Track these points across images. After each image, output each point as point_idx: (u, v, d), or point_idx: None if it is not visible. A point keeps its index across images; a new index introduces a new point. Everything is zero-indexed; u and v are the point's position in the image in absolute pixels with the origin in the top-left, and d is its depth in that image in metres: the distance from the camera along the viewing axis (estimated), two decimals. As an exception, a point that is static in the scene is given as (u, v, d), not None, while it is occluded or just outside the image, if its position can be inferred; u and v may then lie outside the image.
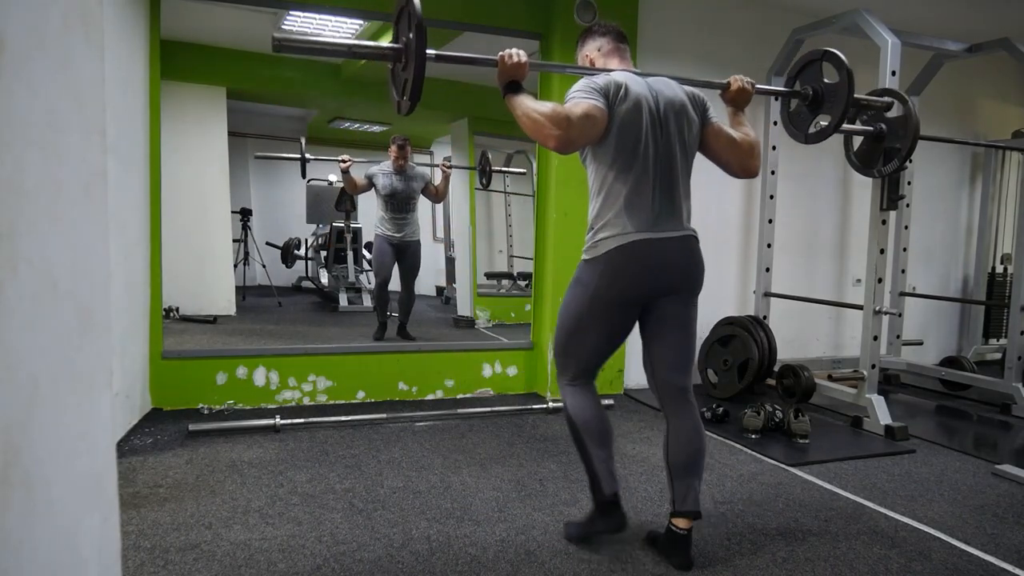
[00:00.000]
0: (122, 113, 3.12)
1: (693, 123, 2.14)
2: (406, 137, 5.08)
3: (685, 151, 2.13)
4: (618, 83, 2.02)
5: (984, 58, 4.63)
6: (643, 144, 2.03)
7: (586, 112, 1.93)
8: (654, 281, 2.07)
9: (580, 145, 2.02)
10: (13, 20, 0.75)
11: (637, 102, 2.02)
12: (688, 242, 2.13)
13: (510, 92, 2.00)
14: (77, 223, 0.90)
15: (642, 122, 2.02)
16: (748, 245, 4.80)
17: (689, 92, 2.18)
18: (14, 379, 0.76)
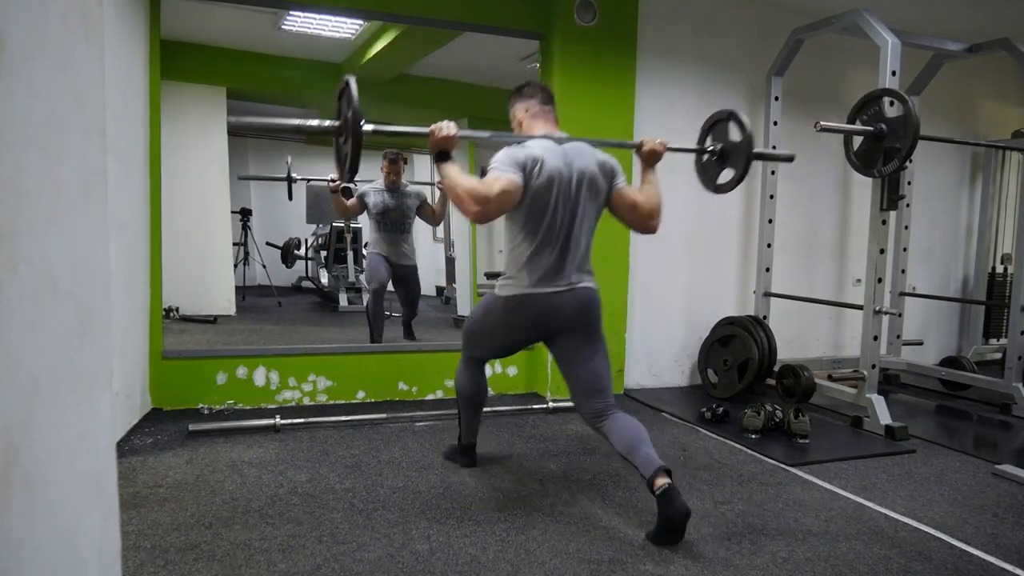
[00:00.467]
0: (122, 113, 3.12)
1: (601, 190, 2.45)
2: (398, 151, 4.87)
3: (589, 217, 2.45)
4: (535, 158, 2.31)
5: (984, 58, 4.63)
6: (549, 214, 2.35)
7: (503, 188, 2.24)
8: (544, 325, 2.46)
9: (496, 217, 2.34)
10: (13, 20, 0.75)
11: (550, 177, 2.32)
12: (580, 291, 2.44)
13: (440, 161, 2.31)
14: (77, 223, 0.90)
15: (552, 195, 2.34)
16: (748, 245, 4.80)
17: (601, 160, 2.46)
18: (14, 379, 0.76)
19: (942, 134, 4.59)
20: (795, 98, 4.73)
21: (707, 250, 4.69)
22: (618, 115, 4.18)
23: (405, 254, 4.79)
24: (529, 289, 2.40)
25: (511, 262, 2.45)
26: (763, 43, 4.61)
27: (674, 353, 4.67)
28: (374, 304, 4.70)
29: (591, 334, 2.48)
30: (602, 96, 4.12)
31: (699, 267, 4.68)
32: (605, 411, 2.44)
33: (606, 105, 4.14)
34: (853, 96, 3.79)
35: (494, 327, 2.56)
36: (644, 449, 2.30)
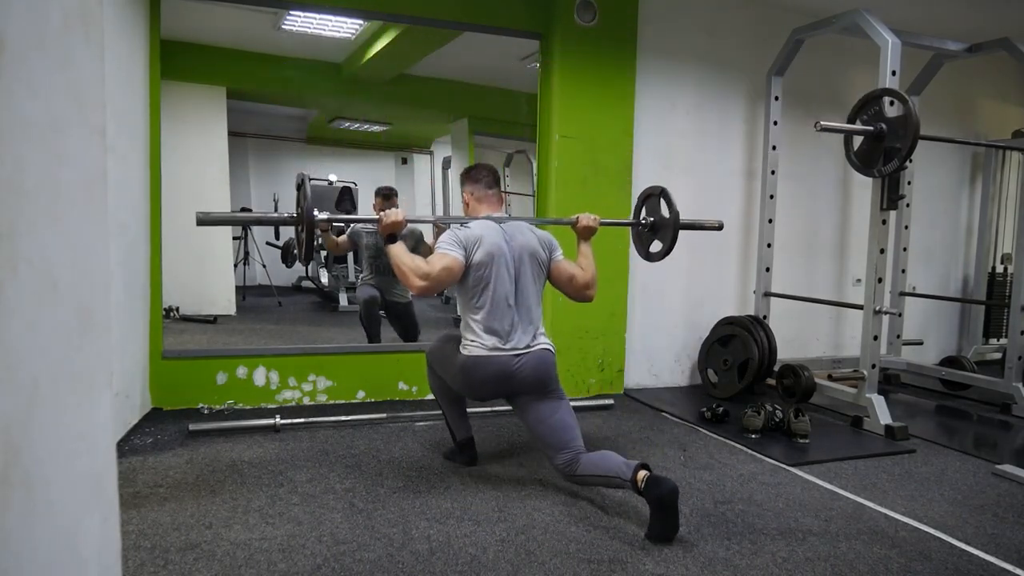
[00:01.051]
0: (122, 113, 3.12)
1: (542, 262, 2.70)
2: (392, 188, 4.68)
3: (534, 283, 2.67)
4: (476, 236, 2.58)
5: (984, 58, 4.63)
6: (492, 284, 2.57)
7: (445, 265, 2.51)
8: (504, 385, 2.60)
9: (439, 290, 2.62)
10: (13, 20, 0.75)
11: (490, 252, 2.57)
12: (533, 354, 2.61)
13: (389, 243, 2.54)
14: (77, 223, 0.90)
15: (493, 268, 2.57)
16: (748, 245, 4.80)
17: (540, 235, 2.74)
18: (14, 379, 0.76)
19: (942, 134, 4.59)
20: (795, 98, 4.73)
21: (707, 250, 4.68)
22: (618, 115, 4.18)
23: (399, 293, 4.57)
24: (488, 352, 2.57)
25: (466, 329, 2.64)
26: (763, 43, 4.61)
27: (674, 353, 4.67)
28: (367, 310, 4.57)
29: (549, 392, 2.62)
30: (602, 96, 4.12)
31: (699, 267, 4.68)
32: (573, 461, 2.52)
33: (606, 105, 4.14)
34: (853, 96, 3.79)
35: (455, 377, 2.68)
36: (615, 460, 2.42)
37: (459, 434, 2.94)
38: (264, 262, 7.16)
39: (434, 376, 2.88)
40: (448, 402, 2.90)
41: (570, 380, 4.21)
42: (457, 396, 2.87)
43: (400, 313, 4.65)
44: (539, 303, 2.70)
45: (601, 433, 3.50)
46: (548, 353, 2.66)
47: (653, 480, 2.26)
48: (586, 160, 4.12)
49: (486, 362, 2.57)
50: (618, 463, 2.39)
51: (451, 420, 2.94)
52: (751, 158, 4.77)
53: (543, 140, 4.23)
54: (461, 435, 2.94)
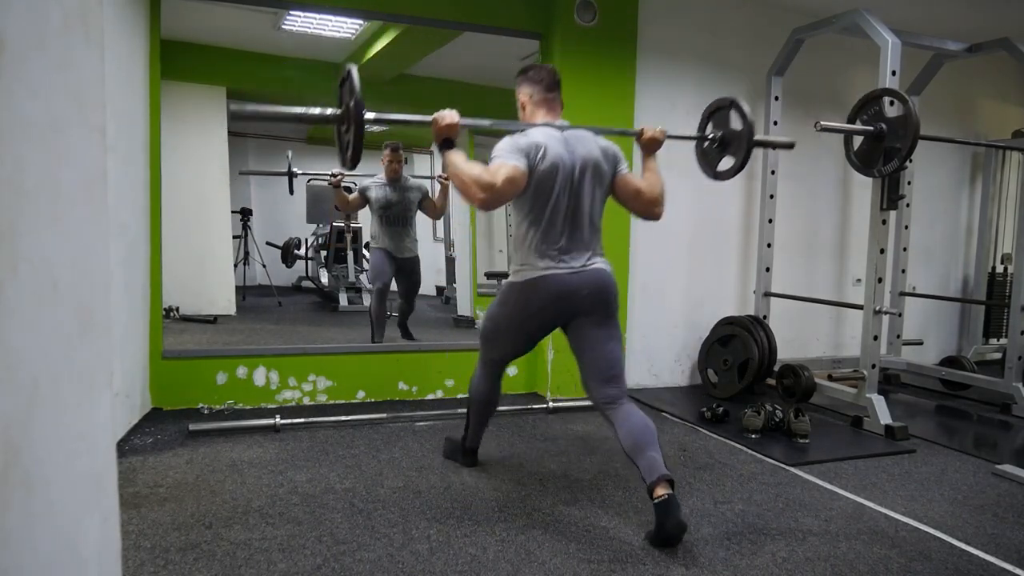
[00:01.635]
0: (122, 113, 3.12)
1: (605, 176, 2.46)
2: (399, 143, 4.90)
3: (595, 200, 2.45)
4: (538, 145, 2.33)
5: (984, 58, 4.63)
6: (555, 198, 2.36)
7: (508, 176, 2.25)
8: (561, 308, 2.42)
9: (502, 204, 2.38)
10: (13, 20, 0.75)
11: (553, 163, 2.33)
12: (594, 272, 2.42)
13: (444, 149, 2.31)
14: (77, 223, 0.90)
15: (556, 180, 2.35)
16: (748, 245, 4.80)
17: (603, 146, 2.48)
18: (14, 379, 0.76)
19: (942, 134, 4.59)
20: (795, 98, 4.73)
21: (707, 250, 4.69)
22: (618, 115, 4.18)
23: (408, 247, 4.82)
24: (543, 271, 2.38)
25: (521, 250, 2.44)
26: (763, 43, 4.61)
27: (674, 353, 4.67)
28: (377, 303, 4.73)
29: (607, 317, 2.44)
30: (602, 96, 4.12)
31: (699, 267, 4.68)
32: (618, 398, 2.40)
33: (606, 105, 4.14)
34: (853, 96, 3.79)
35: (511, 317, 2.51)
36: (650, 452, 2.26)
37: (472, 441, 2.91)
38: (264, 262, 7.17)
39: (483, 377, 2.76)
40: (481, 409, 2.82)
41: (570, 380, 4.21)
42: (492, 408, 2.82)
43: (407, 270, 4.84)
44: (599, 221, 2.49)
45: (601, 432, 3.50)
46: (609, 274, 2.46)
47: (667, 506, 2.17)
48: (586, 160, 4.12)
49: (545, 281, 2.38)
50: (649, 459, 2.24)
51: (473, 426, 2.88)
52: (752, 159, 4.75)
53: (543, 140, 4.23)
54: (472, 443, 2.91)
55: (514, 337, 2.58)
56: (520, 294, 2.44)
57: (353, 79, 2.16)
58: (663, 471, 2.22)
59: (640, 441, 2.29)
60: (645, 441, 2.29)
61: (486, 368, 2.75)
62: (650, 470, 2.22)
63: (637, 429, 2.33)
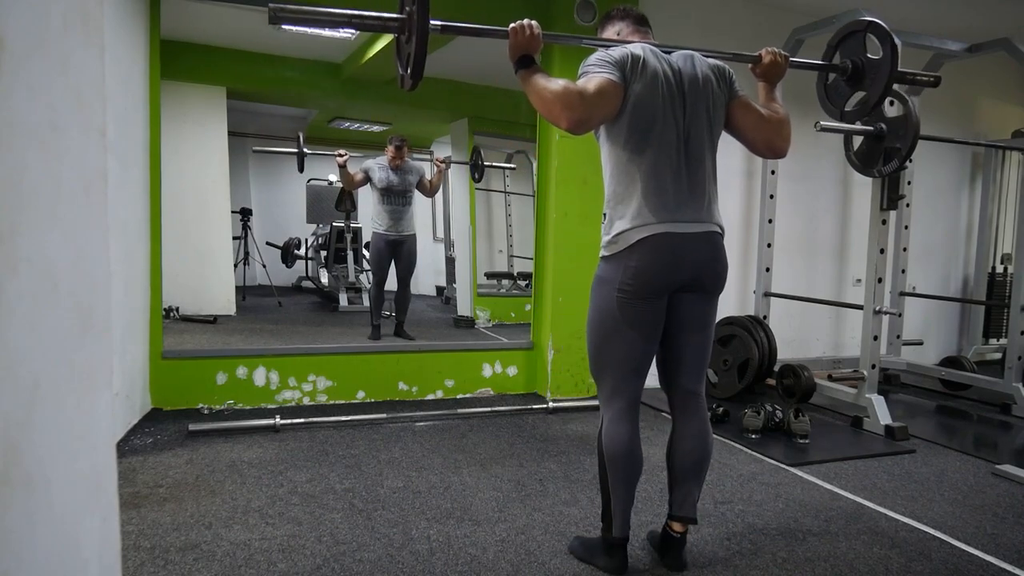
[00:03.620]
0: (122, 113, 3.12)
1: (719, 99, 2.00)
2: (403, 138, 5.06)
3: (710, 130, 1.98)
4: (635, 56, 1.90)
5: (984, 58, 4.63)
6: (660, 123, 1.90)
7: (599, 89, 1.83)
8: (676, 276, 1.92)
9: (594, 125, 1.92)
10: (13, 20, 0.75)
11: (655, 77, 1.90)
12: (712, 238, 1.96)
13: (522, 67, 1.90)
14: (77, 223, 0.90)
15: (658, 100, 1.90)
16: (748, 245, 4.80)
17: (714, 65, 2.04)
18: (14, 379, 0.76)
19: (942, 134, 4.59)
20: (795, 98, 4.72)
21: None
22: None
23: (405, 225, 5.11)
24: (658, 226, 1.88)
25: (617, 199, 1.94)
26: (763, 43, 4.54)
27: (674, 353, 4.66)
28: (376, 292, 5.15)
29: (715, 296, 2.03)
30: (602, 96, 4.12)
31: (699, 267, 4.67)
32: (699, 396, 2.09)
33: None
34: (853, 96, 3.79)
35: (619, 303, 1.93)
36: (693, 485, 2.05)
37: (620, 529, 2.04)
38: (264, 262, 7.17)
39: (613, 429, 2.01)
40: (623, 476, 2.01)
41: (570, 380, 4.21)
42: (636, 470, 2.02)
43: (404, 249, 5.13)
44: (715, 159, 2.01)
45: (601, 433, 3.50)
46: (722, 237, 2.00)
47: (673, 543, 2.09)
48: (586, 160, 4.12)
49: (658, 242, 1.87)
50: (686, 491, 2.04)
51: (617, 502, 2.03)
52: (751, 158, 4.77)
53: (543, 140, 4.23)
54: (622, 531, 2.04)
55: (637, 325, 1.95)
56: (629, 260, 1.90)
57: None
58: (692, 513, 2.05)
59: (695, 469, 2.05)
60: (698, 471, 2.05)
61: (612, 414, 2.02)
62: (682, 504, 2.05)
63: (699, 455, 2.05)
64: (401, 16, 1.80)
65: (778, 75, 2.14)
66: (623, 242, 1.91)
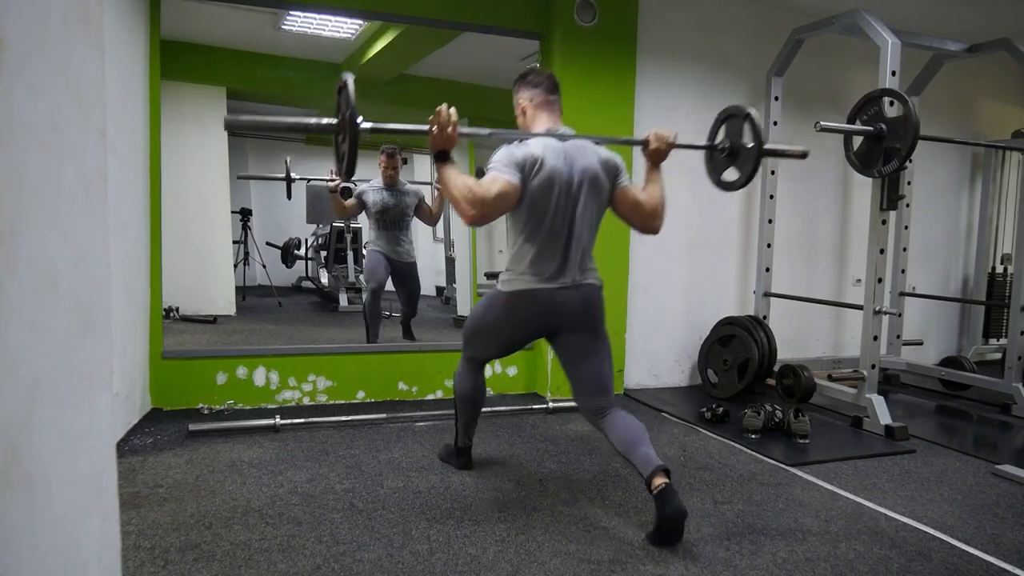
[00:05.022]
0: (122, 113, 3.12)
1: (603, 189, 2.42)
2: (395, 146, 4.89)
3: (591, 215, 2.42)
4: (535, 157, 2.29)
5: (984, 58, 4.63)
6: (551, 213, 2.33)
7: (500, 192, 2.22)
8: (547, 322, 2.44)
9: (493, 220, 2.32)
10: (13, 20, 0.75)
11: (550, 176, 2.30)
12: (584, 291, 2.43)
13: (439, 161, 2.26)
14: (77, 223, 0.90)
15: (552, 194, 2.32)
16: (748, 245, 4.80)
17: (604, 157, 2.43)
18: (15, 379, 0.76)
19: (942, 134, 4.59)
20: (795, 98, 4.73)
21: (707, 250, 4.69)
22: (618, 115, 4.18)
23: (404, 251, 4.80)
24: (533, 285, 2.39)
25: (514, 259, 2.44)
26: (763, 43, 4.61)
27: (674, 353, 4.67)
28: (371, 303, 4.69)
29: (594, 332, 2.46)
30: (602, 96, 4.12)
31: (699, 267, 4.68)
32: (606, 408, 2.44)
33: (606, 105, 4.14)
34: (853, 96, 3.79)
35: (496, 323, 2.52)
36: (642, 448, 2.31)
37: (463, 441, 2.88)
38: (264, 262, 7.17)
39: (465, 377, 2.74)
40: (468, 407, 2.79)
41: (570, 380, 4.21)
42: (478, 403, 2.78)
43: (405, 274, 4.81)
44: (594, 236, 2.47)
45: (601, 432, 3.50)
46: (596, 289, 2.47)
47: (665, 494, 2.20)
48: (586, 160, 4.12)
49: (533, 295, 2.39)
50: (642, 454, 2.29)
51: (463, 425, 2.84)
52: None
53: (543, 140, 4.23)
54: (465, 442, 2.88)
55: (496, 341, 2.61)
56: (506, 304, 2.45)
57: (349, 89, 2.11)
58: (658, 462, 2.26)
59: (631, 439, 2.34)
60: (636, 439, 2.33)
61: (468, 364, 2.74)
62: (645, 464, 2.26)
63: (627, 430, 2.37)
64: (335, 121, 2.15)
65: (661, 158, 2.49)
66: (509, 287, 2.43)
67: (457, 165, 2.27)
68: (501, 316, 2.49)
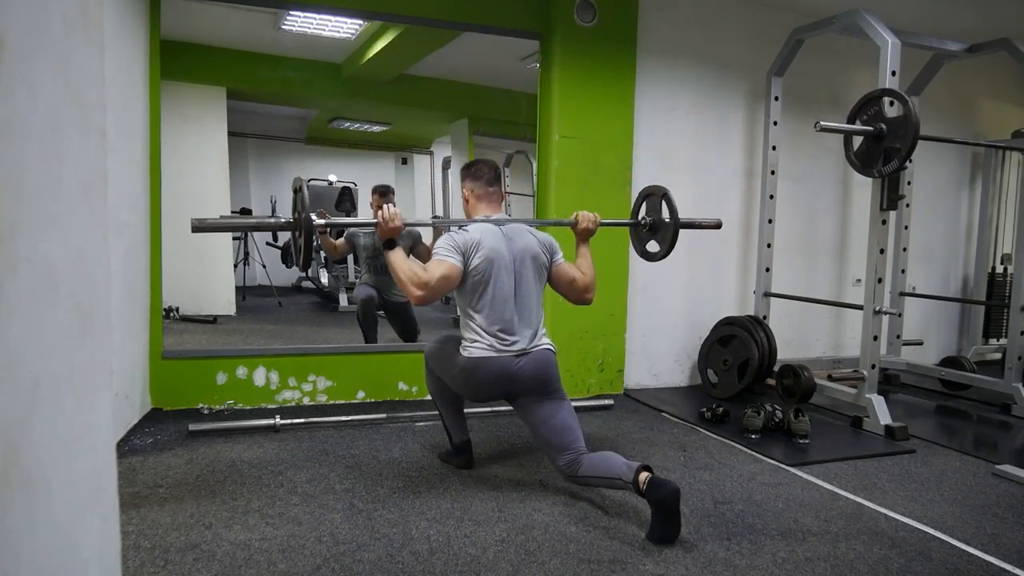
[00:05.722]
0: (122, 113, 3.12)
1: (543, 265, 2.69)
2: (388, 185, 4.68)
3: (535, 285, 2.66)
4: (474, 240, 2.55)
5: (984, 58, 4.63)
6: (493, 288, 2.55)
7: (443, 274, 2.47)
8: (505, 387, 2.59)
9: (438, 298, 2.55)
10: (13, 20, 0.75)
11: (489, 256, 2.55)
12: (534, 355, 2.60)
13: (387, 248, 2.48)
14: (77, 223, 0.90)
15: (493, 271, 2.55)
16: (748, 245, 4.80)
17: (541, 238, 2.72)
18: (14, 379, 0.76)
19: (942, 134, 4.59)
20: (795, 98, 4.73)
21: (707, 250, 4.68)
22: (618, 115, 4.18)
23: (396, 292, 4.42)
24: (487, 353, 2.56)
25: (467, 330, 2.62)
26: (763, 43, 4.61)
27: (674, 353, 4.67)
28: (363, 311, 4.53)
29: (551, 392, 2.61)
30: (602, 96, 4.13)
31: (699, 267, 4.68)
32: (577, 460, 2.51)
33: (606, 105, 4.14)
34: (853, 96, 3.79)
35: (455, 379, 2.66)
36: (617, 461, 2.40)
37: (456, 436, 2.91)
38: (264, 262, 7.17)
39: (432, 378, 2.85)
40: (447, 404, 2.88)
41: (570, 380, 4.21)
42: (456, 398, 2.85)
43: (398, 313, 4.66)
44: (540, 305, 2.70)
45: (601, 433, 3.50)
46: (549, 353, 2.66)
47: (655, 482, 2.25)
48: (586, 160, 4.12)
49: (487, 363, 2.56)
50: (619, 465, 2.38)
51: (449, 422, 2.91)
52: (751, 158, 4.77)
53: (543, 140, 4.23)
54: (458, 437, 2.91)
55: (456, 387, 2.72)
56: (464, 370, 2.60)
57: (304, 192, 2.40)
58: (636, 463, 2.34)
59: (604, 462, 2.44)
60: (608, 459, 2.44)
61: (430, 368, 2.84)
62: (625, 471, 2.34)
63: (598, 459, 2.47)
64: (291, 220, 2.46)
65: (588, 235, 2.81)
66: (466, 353, 2.59)
67: (401, 252, 2.49)
68: (460, 380, 2.65)
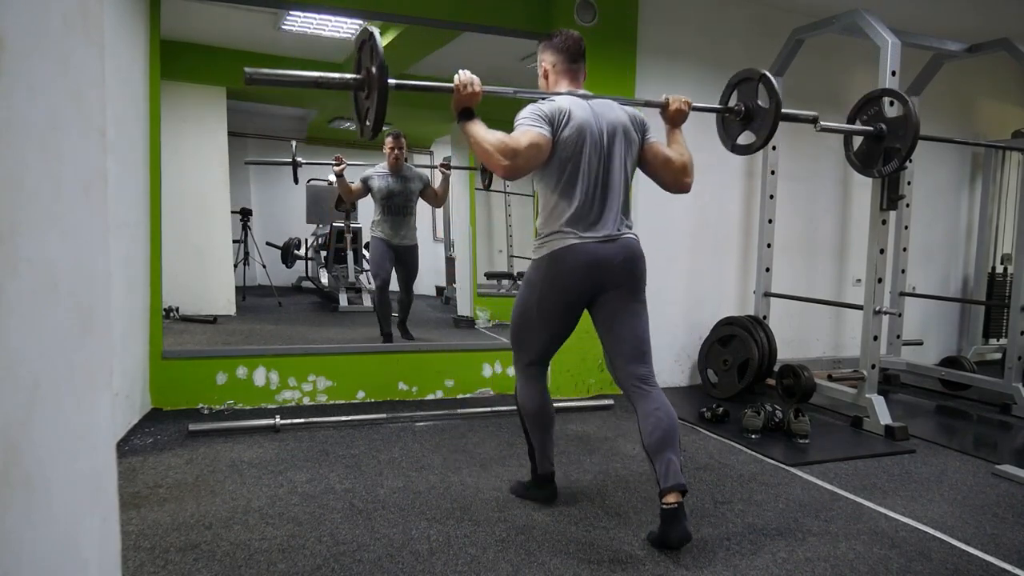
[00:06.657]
0: (122, 113, 3.12)
1: (633, 142, 2.37)
2: (400, 130, 5.00)
3: (624, 168, 2.34)
4: (563, 110, 2.24)
5: (984, 58, 4.63)
6: (584, 165, 2.25)
7: (532, 141, 2.16)
8: (592, 280, 2.27)
9: (526, 172, 2.23)
10: (13, 20, 0.75)
11: (580, 128, 2.24)
12: (624, 242, 2.30)
13: (464, 119, 2.21)
14: (77, 223, 0.90)
15: (583, 147, 2.25)
16: (748, 245, 4.80)
17: (630, 113, 2.39)
18: (14, 379, 0.76)
19: (942, 134, 4.59)
20: (795, 98, 4.71)
21: (707, 250, 4.69)
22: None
23: (407, 235, 4.95)
24: (571, 241, 2.24)
25: (548, 221, 2.30)
26: (763, 43, 4.61)
27: (674, 353, 4.67)
28: (380, 298, 4.92)
29: (637, 290, 2.33)
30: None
31: (699, 267, 4.68)
32: (647, 378, 2.32)
33: (606, 105, 4.14)
34: (853, 96, 3.79)
35: (540, 301, 2.32)
36: (670, 454, 2.19)
37: (542, 466, 2.55)
38: (264, 262, 7.17)
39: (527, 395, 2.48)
40: (539, 428, 2.50)
41: (570, 380, 4.22)
42: (551, 420, 2.51)
43: (406, 257, 4.98)
44: (629, 188, 2.36)
45: (601, 433, 3.50)
46: (638, 243, 2.34)
47: (674, 515, 2.14)
48: (586, 160, 4.12)
49: (573, 251, 2.23)
50: (666, 462, 2.16)
51: (538, 447, 2.53)
52: (751, 158, 4.77)
53: (543, 140, 4.23)
54: (545, 468, 2.55)
55: (548, 322, 2.35)
56: (548, 268, 2.27)
57: (376, 41, 2.06)
58: (679, 480, 2.15)
59: (664, 439, 2.20)
60: (668, 441, 2.21)
61: (526, 374, 2.49)
62: (666, 475, 2.16)
63: (663, 426, 2.22)
64: (360, 76, 2.13)
65: (682, 119, 2.49)
66: (546, 248, 2.28)
67: (480, 122, 2.20)
68: (544, 287, 2.29)
